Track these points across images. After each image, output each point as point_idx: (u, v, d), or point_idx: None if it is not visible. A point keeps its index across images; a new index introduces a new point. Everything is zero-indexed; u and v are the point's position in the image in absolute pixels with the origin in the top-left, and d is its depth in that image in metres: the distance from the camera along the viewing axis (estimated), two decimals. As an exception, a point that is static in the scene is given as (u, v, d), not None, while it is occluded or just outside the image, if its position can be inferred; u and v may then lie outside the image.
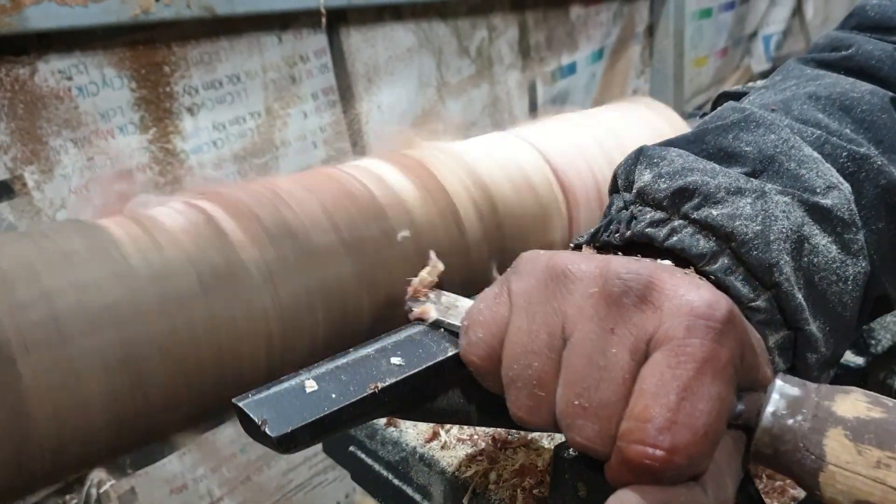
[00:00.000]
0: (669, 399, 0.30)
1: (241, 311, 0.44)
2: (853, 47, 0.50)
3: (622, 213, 0.41)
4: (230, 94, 1.09)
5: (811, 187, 0.39)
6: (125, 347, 0.40)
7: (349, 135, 1.26)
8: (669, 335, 0.31)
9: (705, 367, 0.31)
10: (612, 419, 0.32)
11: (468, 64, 1.43)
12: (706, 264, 0.37)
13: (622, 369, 0.32)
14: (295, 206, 0.47)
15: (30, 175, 0.91)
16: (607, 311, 0.33)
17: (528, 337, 0.34)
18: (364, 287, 0.49)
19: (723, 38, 2.14)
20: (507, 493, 0.49)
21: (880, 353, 0.58)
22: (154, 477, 1.09)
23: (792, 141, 0.41)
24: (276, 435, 0.34)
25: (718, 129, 0.43)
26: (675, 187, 0.39)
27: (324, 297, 0.47)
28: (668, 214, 0.39)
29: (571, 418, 0.33)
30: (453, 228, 0.53)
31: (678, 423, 0.30)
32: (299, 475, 1.31)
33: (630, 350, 0.32)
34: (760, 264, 0.37)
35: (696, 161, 0.40)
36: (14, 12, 0.82)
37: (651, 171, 0.40)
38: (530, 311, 0.35)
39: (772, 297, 0.37)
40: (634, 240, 0.40)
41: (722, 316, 0.31)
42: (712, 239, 0.37)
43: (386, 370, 0.38)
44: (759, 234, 0.37)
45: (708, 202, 0.38)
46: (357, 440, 0.59)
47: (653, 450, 0.30)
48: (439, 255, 0.45)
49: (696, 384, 0.30)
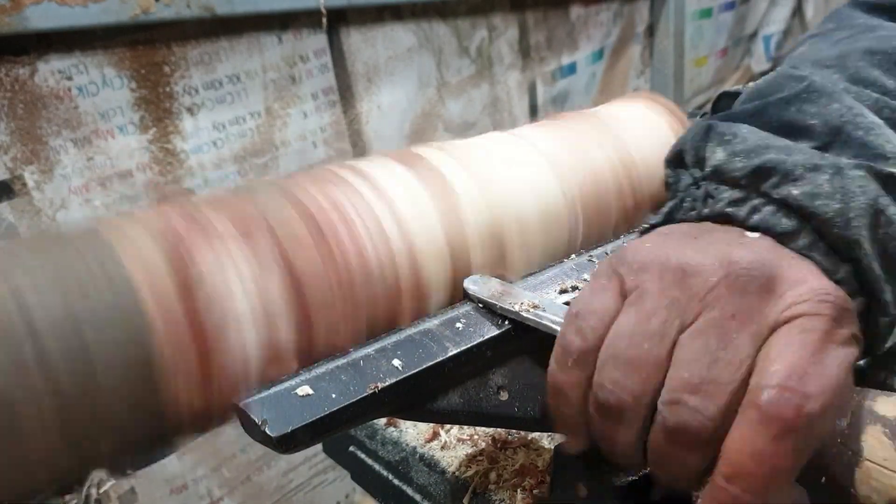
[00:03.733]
0: (799, 355, 0.31)
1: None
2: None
3: (694, 191, 0.41)
4: (230, 94, 1.09)
5: (882, 154, 0.40)
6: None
7: (349, 135, 1.26)
8: (793, 315, 0.32)
9: (830, 336, 0.32)
10: (725, 397, 0.32)
11: (468, 64, 1.43)
12: (789, 242, 0.37)
13: (743, 352, 0.32)
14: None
15: (30, 175, 0.92)
16: (730, 300, 0.33)
17: (639, 324, 0.35)
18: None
19: (723, 38, 2.14)
20: (507, 493, 0.49)
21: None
22: (154, 477, 1.09)
23: (856, 108, 0.41)
24: (276, 435, 0.34)
25: (780, 101, 0.42)
26: (753, 166, 0.39)
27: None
28: (747, 193, 0.39)
29: (679, 393, 0.33)
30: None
31: (810, 374, 0.31)
32: (299, 475, 1.31)
33: (752, 335, 0.33)
34: (842, 241, 0.37)
35: (770, 137, 0.40)
36: (14, 12, 0.82)
37: (724, 148, 0.41)
38: (644, 303, 0.35)
39: (851, 268, 0.38)
40: (712, 219, 0.40)
41: (840, 302, 0.33)
42: (794, 217, 0.38)
43: (386, 370, 0.38)
44: (840, 211, 0.37)
45: (787, 180, 0.38)
46: (357, 440, 0.59)
47: (789, 395, 0.30)
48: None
49: (823, 347, 0.32)
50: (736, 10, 2.15)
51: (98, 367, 0.34)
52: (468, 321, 0.42)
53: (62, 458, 0.34)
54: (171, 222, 0.39)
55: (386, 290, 0.43)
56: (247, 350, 0.38)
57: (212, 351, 0.37)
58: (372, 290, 0.42)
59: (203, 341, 0.36)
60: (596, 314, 0.37)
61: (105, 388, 0.34)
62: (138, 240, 0.37)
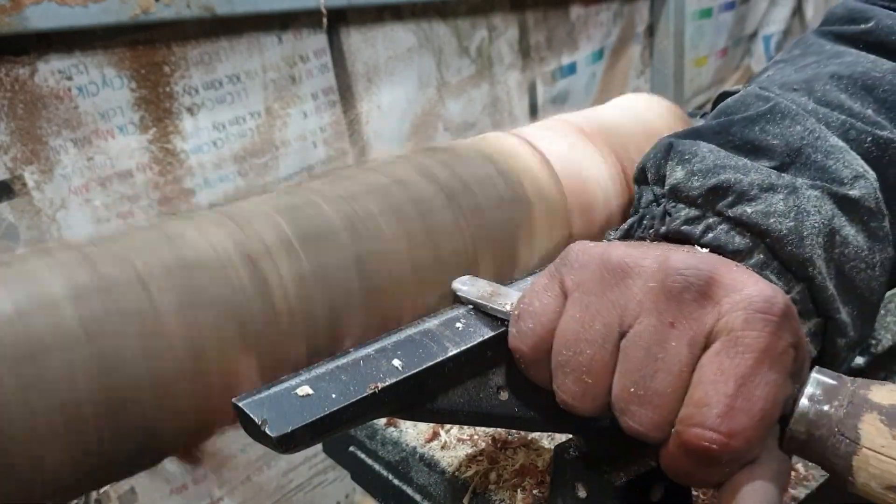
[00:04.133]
0: (728, 386, 0.31)
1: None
2: (873, 21, 0.49)
3: (654, 208, 0.42)
4: (230, 94, 1.09)
5: (839, 178, 0.40)
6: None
7: (349, 135, 1.26)
8: (729, 328, 0.32)
9: (763, 357, 0.32)
10: (667, 407, 0.33)
11: (468, 64, 1.43)
12: (742, 260, 0.38)
13: (680, 361, 0.33)
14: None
15: (30, 175, 0.92)
16: (667, 306, 0.34)
17: (581, 326, 0.35)
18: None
19: (723, 38, 2.14)
20: (507, 493, 0.49)
21: (880, 353, 0.58)
22: (154, 477, 1.09)
23: (818, 131, 0.42)
24: (276, 435, 0.34)
25: (744, 120, 0.43)
26: (710, 185, 0.40)
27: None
28: (703, 212, 0.40)
29: (626, 403, 0.34)
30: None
31: (736, 409, 0.31)
32: (299, 475, 1.31)
33: (689, 343, 0.33)
34: (794, 259, 0.38)
35: (728, 157, 0.41)
36: (14, 12, 0.83)
37: (683, 167, 0.41)
38: (584, 302, 0.36)
39: (804, 288, 0.39)
40: (669, 236, 0.40)
41: (779, 309, 0.33)
42: (747, 236, 0.38)
43: (386, 370, 0.38)
44: (793, 230, 0.38)
45: (742, 200, 0.39)
46: (357, 440, 0.59)
47: (712, 433, 0.31)
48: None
49: (754, 372, 0.32)
50: (736, 10, 2.15)
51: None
52: (468, 321, 0.42)
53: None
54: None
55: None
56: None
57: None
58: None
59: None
60: (535, 315, 0.37)
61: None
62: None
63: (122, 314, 0.35)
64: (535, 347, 0.37)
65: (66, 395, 0.33)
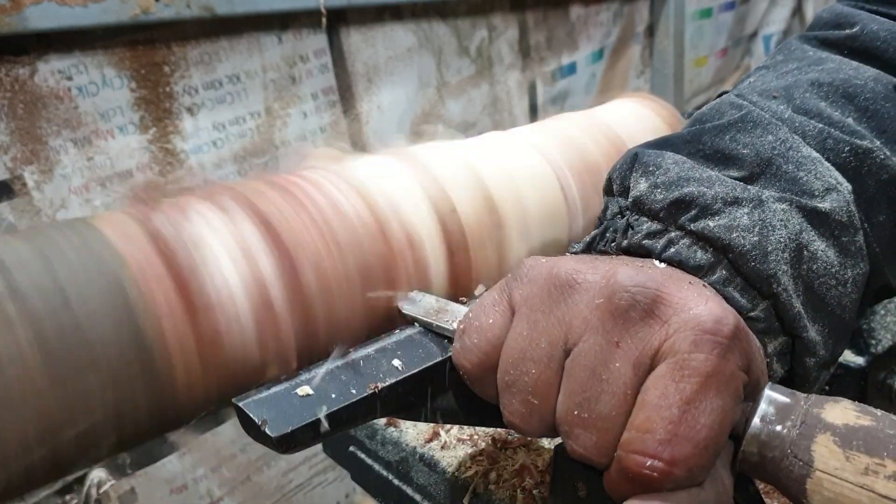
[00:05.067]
0: (672, 412, 0.30)
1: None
2: (858, 26, 0.48)
3: (617, 221, 0.41)
4: (230, 94, 1.09)
5: (809, 191, 0.39)
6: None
7: (349, 135, 1.26)
8: (675, 349, 0.31)
9: (709, 382, 0.31)
10: (611, 431, 0.32)
11: (468, 64, 1.43)
12: (703, 276, 0.37)
13: (625, 383, 0.32)
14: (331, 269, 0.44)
15: (29, 175, 0.91)
16: (613, 324, 0.32)
17: (527, 344, 0.34)
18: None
19: (723, 38, 2.14)
20: (507, 493, 0.49)
21: (880, 353, 0.58)
22: (154, 477, 1.09)
23: (790, 142, 0.41)
24: (276, 435, 0.34)
25: (715, 128, 0.42)
26: (672, 198, 0.38)
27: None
28: (665, 225, 0.39)
29: (570, 426, 0.33)
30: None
31: (679, 436, 0.30)
32: (299, 475, 1.31)
33: (634, 364, 0.32)
34: (758, 275, 0.37)
35: (693, 169, 0.40)
36: (14, 12, 0.82)
37: (647, 179, 0.40)
38: (531, 319, 0.34)
39: (770, 305, 0.37)
40: (631, 250, 0.39)
41: (729, 331, 0.31)
42: (709, 251, 0.37)
43: (386, 370, 0.38)
44: (757, 244, 0.37)
45: (705, 213, 0.38)
46: (357, 440, 0.59)
47: (652, 461, 0.30)
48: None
49: (699, 398, 0.31)
50: (736, 10, 2.15)
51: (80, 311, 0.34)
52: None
53: (49, 398, 0.34)
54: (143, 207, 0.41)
55: (369, 234, 0.43)
56: (229, 282, 0.38)
57: (189, 282, 0.37)
58: (353, 233, 0.42)
59: (179, 272, 0.37)
60: (481, 331, 0.36)
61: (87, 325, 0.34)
62: (114, 215, 0.39)
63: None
64: (480, 364, 0.36)
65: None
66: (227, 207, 0.41)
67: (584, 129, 0.57)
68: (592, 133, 0.57)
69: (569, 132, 0.56)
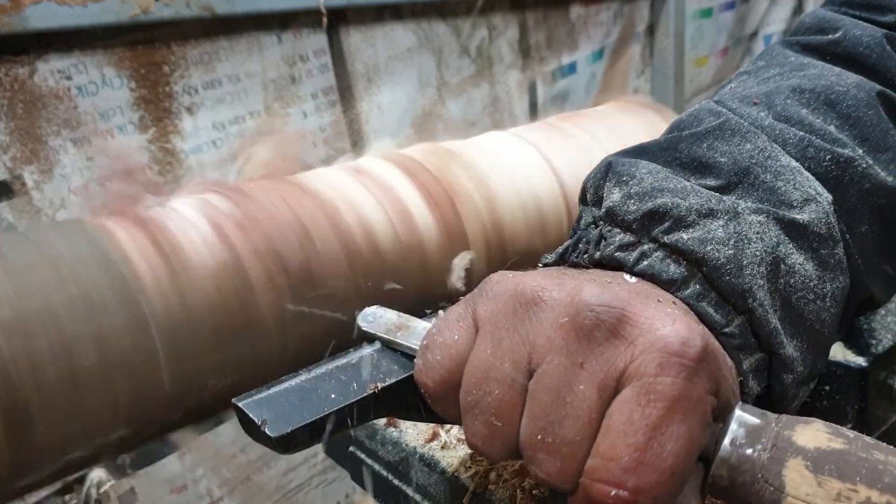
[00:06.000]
0: (637, 438, 0.30)
1: (249, 358, 0.44)
2: (840, 31, 0.47)
3: (591, 231, 0.40)
4: (230, 94, 1.09)
5: (787, 201, 0.38)
6: (136, 395, 0.40)
7: (349, 135, 1.26)
8: (641, 372, 0.30)
9: (676, 406, 0.30)
10: (575, 456, 0.31)
11: (468, 64, 1.43)
12: (677, 290, 0.36)
13: (589, 407, 0.31)
14: (319, 246, 0.46)
15: (29, 175, 0.91)
16: (577, 344, 0.31)
17: (491, 363, 0.33)
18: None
19: (723, 37, 2.14)
20: (507, 493, 0.49)
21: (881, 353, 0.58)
22: (154, 477, 1.09)
23: (769, 150, 0.40)
24: (275, 435, 0.34)
25: (693, 136, 0.41)
26: (645, 209, 0.37)
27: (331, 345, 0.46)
28: (638, 237, 0.37)
29: (534, 451, 0.32)
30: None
31: (644, 464, 0.29)
32: (299, 475, 1.31)
33: (598, 387, 0.31)
34: (733, 290, 0.35)
35: (667, 179, 0.38)
36: (13, 12, 0.82)
37: (620, 189, 0.39)
38: (496, 337, 0.33)
39: (745, 321, 0.36)
40: (603, 263, 0.38)
41: (696, 353, 0.31)
42: (683, 264, 0.36)
43: (386, 370, 0.38)
44: (732, 258, 0.35)
45: (678, 226, 0.36)
46: (357, 440, 0.59)
47: (617, 490, 0.30)
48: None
49: (665, 424, 0.30)
50: (736, 10, 2.15)
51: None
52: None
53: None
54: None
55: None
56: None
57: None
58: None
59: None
60: (445, 347, 0.35)
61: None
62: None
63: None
64: (443, 383, 0.35)
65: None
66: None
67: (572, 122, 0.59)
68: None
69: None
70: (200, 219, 0.45)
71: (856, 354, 0.57)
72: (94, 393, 0.38)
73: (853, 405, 0.56)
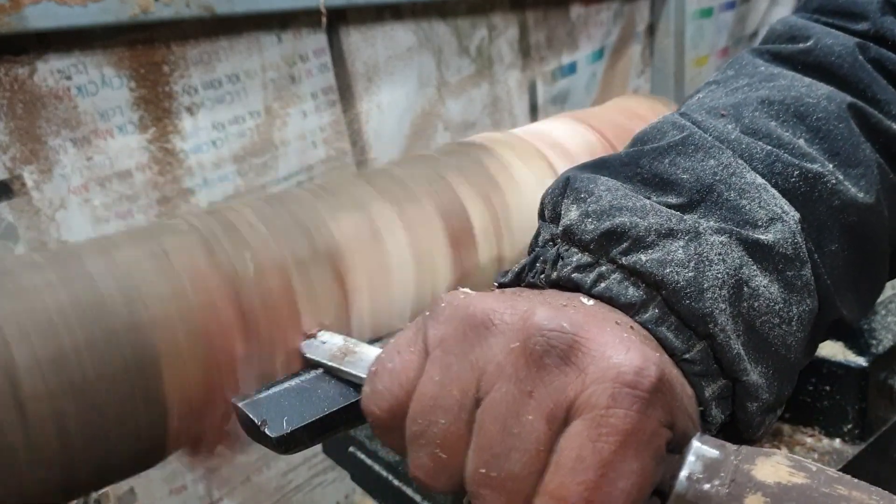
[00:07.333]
0: (588, 476, 0.28)
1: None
2: (812, 39, 0.45)
3: (548, 249, 0.38)
4: (229, 94, 1.09)
5: (752, 220, 0.36)
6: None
7: (349, 134, 1.26)
8: (592, 403, 0.29)
9: (629, 441, 0.28)
10: (521, 493, 0.29)
11: (468, 63, 1.43)
12: (636, 314, 0.34)
13: (537, 439, 0.29)
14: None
15: (29, 175, 0.91)
16: (527, 372, 0.30)
17: (438, 391, 0.31)
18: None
19: (723, 37, 2.14)
20: (507, 494, 0.49)
21: (881, 353, 0.58)
22: (154, 477, 1.09)
23: (733, 167, 0.38)
24: (275, 435, 0.34)
25: (655, 151, 0.39)
26: (603, 229, 0.35)
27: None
28: (596, 258, 0.35)
29: (477, 486, 0.30)
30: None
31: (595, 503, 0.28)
32: (299, 475, 1.31)
33: (547, 418, 0.29)
34: (693, 314, 0.34)
35: (626, 198, 0.36)
36: (13, 12, 0.82)
37: (578, 207, 0.37)
38: (444, 363, 0.31)
39: (707, 346, 0.34)
40: (560, 284, 0.36)
41: (650, 384, 0.29)
42: (641, 287, 0.34)
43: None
44: (692, 281, 0.34)
45: (637, 246, 0.34)
46: (357, 440, 0.59)
47: None
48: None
49: (617, 460, 0.28)
50: (736, 10, 2.15)
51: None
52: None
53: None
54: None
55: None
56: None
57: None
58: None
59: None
60: (394, 374, 0.33)
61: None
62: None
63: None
64: (391, 411, 0.33)
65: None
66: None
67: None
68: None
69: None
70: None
71: (856, 354, 0.57)
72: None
73: (853, 405, 0.56)
